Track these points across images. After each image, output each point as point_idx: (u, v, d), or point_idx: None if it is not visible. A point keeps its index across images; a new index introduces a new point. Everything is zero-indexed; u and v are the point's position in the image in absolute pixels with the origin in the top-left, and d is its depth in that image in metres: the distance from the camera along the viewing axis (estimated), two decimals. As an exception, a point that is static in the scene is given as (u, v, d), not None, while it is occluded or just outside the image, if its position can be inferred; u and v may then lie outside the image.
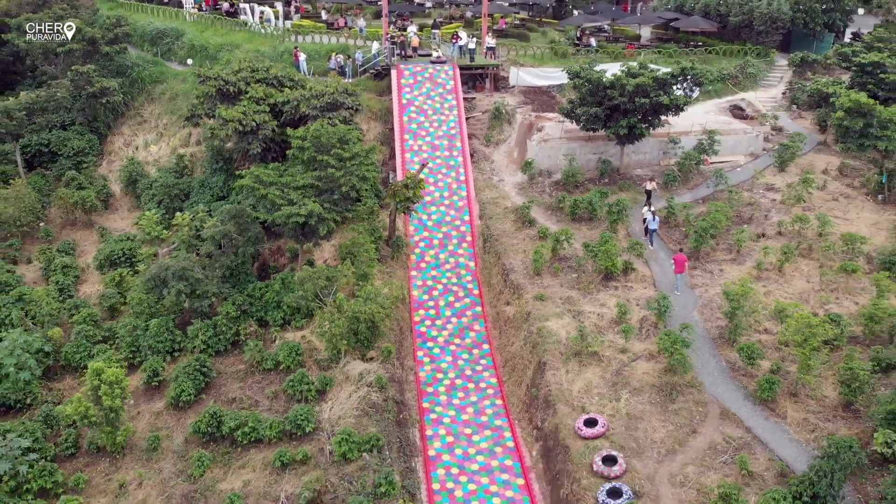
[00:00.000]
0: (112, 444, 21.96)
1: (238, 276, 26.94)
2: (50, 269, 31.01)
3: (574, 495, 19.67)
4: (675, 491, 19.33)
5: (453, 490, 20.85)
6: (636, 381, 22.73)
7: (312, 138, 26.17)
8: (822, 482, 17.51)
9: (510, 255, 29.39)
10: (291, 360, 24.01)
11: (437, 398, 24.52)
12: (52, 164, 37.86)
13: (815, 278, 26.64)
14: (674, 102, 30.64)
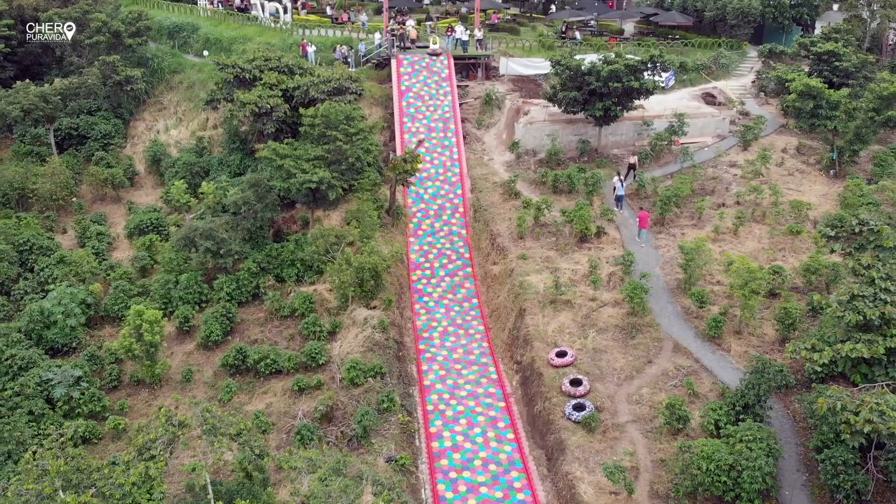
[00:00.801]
0: (151, 376, 25.57)
1: (256, 238, 30.52)
2: (85, 236, 34.55)
3: (546, 411, 23.34)
4: (630, 407, 22.98)
5: (444, 411, 24.47)
6: (602, 323, 26.38)
7: (322, 116, 29.79)
8: (750, 393, 21.13)
9: (497, 222, 33.03)
10: (305, 307, 27.63)
11: (431, 341, 28.12)
12: (80, 147, 41.37)
13: (765, 240, 30.26)
14: (644, 86, 34.23)
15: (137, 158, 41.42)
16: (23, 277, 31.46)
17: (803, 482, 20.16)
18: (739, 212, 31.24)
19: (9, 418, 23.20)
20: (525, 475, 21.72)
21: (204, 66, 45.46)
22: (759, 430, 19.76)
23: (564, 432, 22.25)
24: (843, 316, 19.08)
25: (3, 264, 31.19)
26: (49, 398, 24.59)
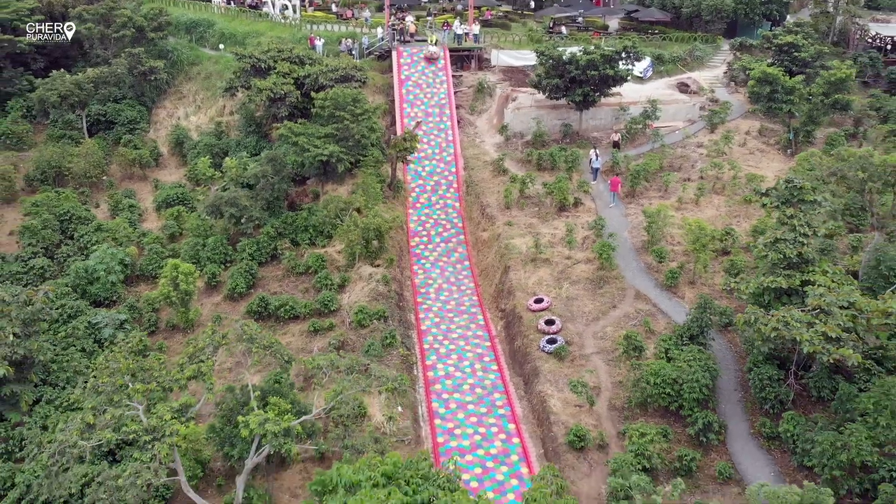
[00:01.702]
0: (185, 321, 29.56)
1: (273, 207, 34.48)
2: (117, 209, 38.53)
3: (524, 346, 27.37)
4: (595, 341, 27.00)
5: (438, 348, 28.49)
6: (575, 276, 30.39)
7: (331, 99, 33.77)
8: (694, 326, 25.14)
9: (487, 195, 37.03)
10: (318, 265, 31.63)
11: (427, 296, 32.12)
12: (108, 131, 45.33)
13: (723, 208, 34.24)
14: (618, 74, 38.21)
15: (161, 142, 45.38)
16: (64, 243, 35.45)
17: (738, 398, 24.18)
18: (701, 184, 35.24)
19: (65, 353, 27.23)
20: (505, 395, 25.73)
21: (220, 59, 49.43)
22: (700, 352, 23.80)
23: (539, 361, 26.28)
24: (768, 255, 23.06)
25: (48, 231, 35.19)
26: (97, 339, 28.60)
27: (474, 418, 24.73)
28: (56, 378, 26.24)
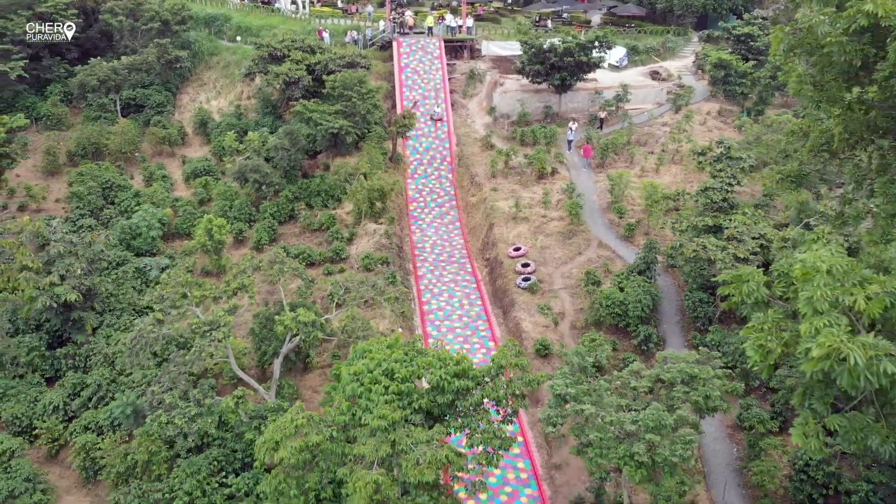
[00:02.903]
0: (218, 267, 34.82)
1: (290, 175, 39.76)
2: (151, 179, 43.81)
3: (504, 284, 32.70)
4: (563, 280, 32.33)
5: (432, 289, 33.81)
6: (549, 231, 35.71)
7: (340, 80, 39.07)
8: (642, 263, 30.46)
9: (476, 166, 42.33)
10: (330, 222, 36.95)
11: (423, 249, 37.42)
12: (138, 114, 50.57)
13: (679, 175, 39.53)
14: (591, 60, 43.51)
15: (185, 123, 50.61)
16: (106, 207, 40.72)
17: (677, 320, 29.51)
18: (661, 156, 40.55)
19: (119, 289, 32.55)
20: (487, 322, 31.05)
21: (237, 50, 54.68)
22: (644, 282, 29.13)
23: (515, 295, 31.62)
24: (698, 200, 28.37)
25: (92, 197, 40.49)
26: (145, 280, 33.91)
27: (461, 338, 30.06)
28: (114, 308, 31.59)
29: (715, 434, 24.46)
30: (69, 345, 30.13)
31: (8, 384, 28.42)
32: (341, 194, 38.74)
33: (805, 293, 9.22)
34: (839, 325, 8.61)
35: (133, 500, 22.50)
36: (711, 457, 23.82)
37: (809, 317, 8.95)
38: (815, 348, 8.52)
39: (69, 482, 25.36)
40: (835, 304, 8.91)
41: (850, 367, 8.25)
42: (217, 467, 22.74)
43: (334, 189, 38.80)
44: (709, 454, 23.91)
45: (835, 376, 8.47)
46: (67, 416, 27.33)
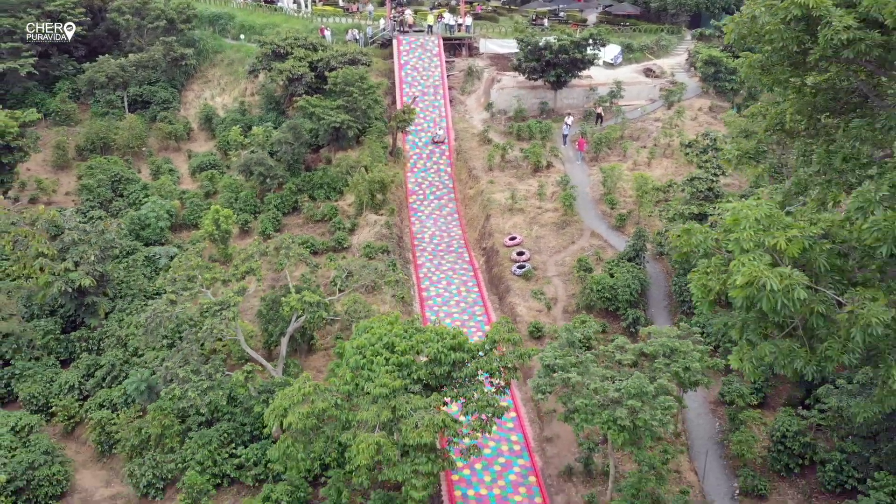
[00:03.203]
0: (224, 256, 36.10)
1: (293, 168, 41.07)
2: (158, 173, 45.10)
3: (500, 272, 34.02)
4: (556, 267, 33.65)
5: (431, 277, 35.12)
6: (543, 221, 37.03)
7: (342, 76, 40.39)
8: (632, 250, 31.76)
9: (473, 160, 43.65)
10: (332, 213, 38.26)
11: (423, 240, 38.72)
12: (145, 110, 51.88)
13: (670, 168, 40.83)
14: (585, 57, 44.82)
15: (191, 119, 51.91)
16: (115, 199, 42.02)
17: (665, 305, 30.83)
18: (653, 150, 41.86)
19: (130, 276, 33.85)
20: (483, 307, 32.36)
21: (241, 48, 55.99)
22: (633, 267, 30.44)
23: (510, 281, 32.94)
24: (685, 189, 29.68)
25: (102, 189, 41.81)
26: (154, 268, 35.22)
27: (458, 322, 31.35)
28: (125, 294, 32.89)
29: (698, 409, 25.77)
30: (83, 328, 31.43)
31: (25, 366, 29.71)
32: (343, 186, 40.04)
33: (734, 235, 10.64)
34: (761, 260, 9.98)
35: (147, 471, 23.81)
36: (695, 430, 25.13)
37: (738, 255, 10.33)
38: (739, 277, 9.88)
39: (85, 457, 26.66)
40: (759, 244, 10.30)
41: (768, 293, 9.60)
42: (227, 439, 24.05)
43: (336, 181, 40.12)
44: (692, 428, 25.23)
45: (756, 301, 9.83)
46: (82, 395, 28.65)
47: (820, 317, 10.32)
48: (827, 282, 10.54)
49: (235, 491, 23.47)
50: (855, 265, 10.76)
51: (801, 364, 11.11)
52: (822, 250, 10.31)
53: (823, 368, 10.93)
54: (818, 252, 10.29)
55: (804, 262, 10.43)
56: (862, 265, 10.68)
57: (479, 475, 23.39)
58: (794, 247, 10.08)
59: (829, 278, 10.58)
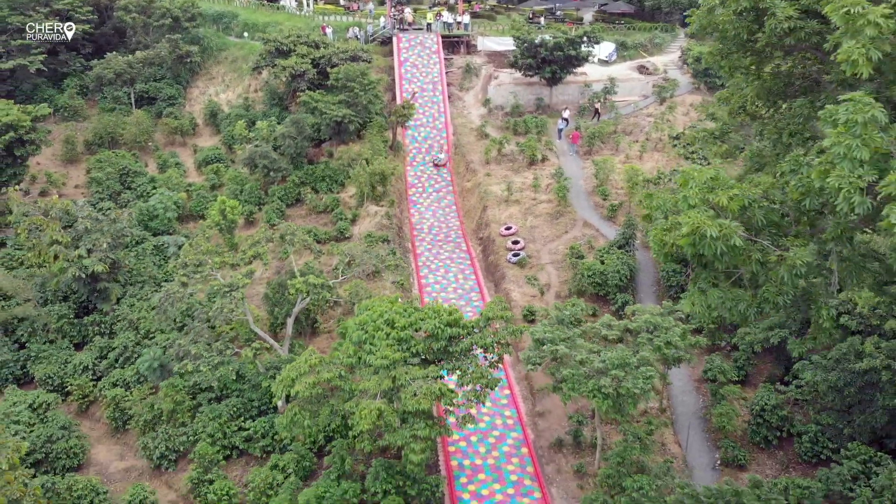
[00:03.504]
0: (230, 246, 37.40)
1: (296, 161, 42.39)
2: (165, 166, 46.43)
3: (495, 260, 35.38)
4: (549, 255, 34.99)
5: (429, 265, 36.45)
6: (538, 212, 38.36)
7: (344, 72, 41.73)
8: (622, 238, 33.11)
9: (471, 154, 44.99)
10: (334, 204, 39.59)
11: (422, 230, 40.04)
12: (151, 105, 53.19)
13: (661, 161, 42.17)
14: (579, 55, 46.16)
15: (196, 114, 53.24)
16: (123, 192, 43.34)
17: (653, 290, 32.18)
18: (644, 143, 43.21)
19: (140, 263, 35.19)
20: (480, 293, 33.71)
21: (244, 45, 57.31)
22: (623, 254, 31.80)
23: (506, 269, 34.29)
24: (672, 179, 31.01)
25: (111, 181, 43.16)
26: (163, 256, 36.56)
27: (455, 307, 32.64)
28: (135, 281, 34.23)
29: (683, 387, 27.12)
30: (95, 313, 32.76)
31: (40, 348, 31.07)
32: (344, 179, 41.39)
33: (682, 193, 12.08)
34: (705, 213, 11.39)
35: (160, 444, 25.15)
36: (680, 406, 26.48)
37: (685, 210, 11.75)
38: (685, 227, 11.28)
39: (99, 433, 28.01)
40: (704, 200, 11.71)
41: (709, 240, 11.00)
42: (236, 414, 25.39)
43: (338, 174, 41.46)
44: (677, 404, 26.57)
45: (699, 248, 11.23)
46: (96, 375, 29.99)
47: (758, 263, 11.74)
48: (764, 234, 11.98)
49: (244, 462, 24.80)
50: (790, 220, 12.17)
51: (744, 307, 12.49)
52: (760, 207, 11.78)
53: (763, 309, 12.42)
54: (756, 209, 11.74)
55: (744, 218, 11.85)
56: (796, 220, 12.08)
57: (475, 447, 24.72)
58: (735, 203, 11.53)
59: (766, 231, 12.01)
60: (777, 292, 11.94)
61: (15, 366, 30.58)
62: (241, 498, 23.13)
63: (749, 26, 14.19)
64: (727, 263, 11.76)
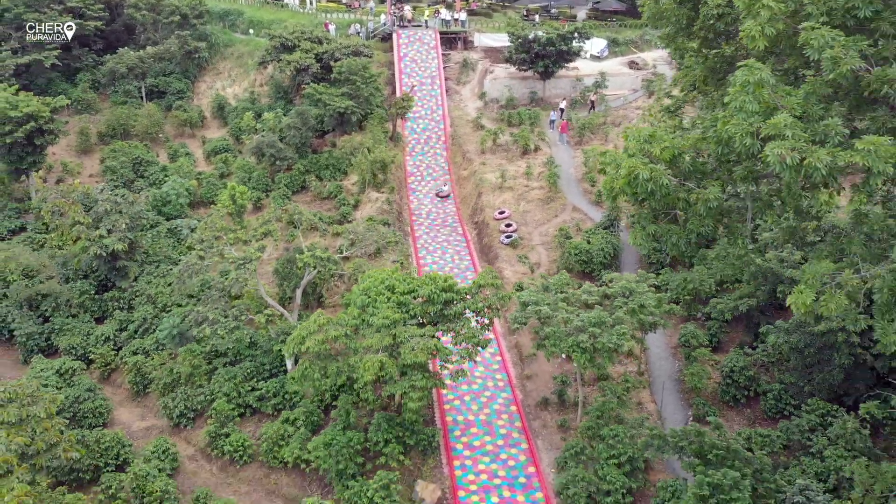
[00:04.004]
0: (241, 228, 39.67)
1: (301, 150, 44.66)
2: (175, 156, 48.69)
3: (489, 241, 37.66)
4: (540, 237, 37.27)
5: (427, 247, 38.73)
6: (530, 198, 40.65)
7: (346, 66, 44.00)
8: (607, 220, 35.39)
9: (467, 144, 47.26)
10: (337, 191, 41.86)
11: (420, 215, 42.31)
12: (161, 99, 55.45)
13: (647, 152, 44.40)
14: (571, 50, 48.43)
15: (204, 107, 55.51)
16: (137, 180, 45.59)
17: (636, 267, 34.40)
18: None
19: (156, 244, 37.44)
20: (474, 272, 35.94)
21: (250, 42, 59.58)
22: (608, 234, 34.06)
23: (499, 249, 36.58)
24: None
25: (125, 170, 45.42)
26: (177, 238, 38.82)
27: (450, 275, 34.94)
28: (152, 261, 36.47)
29: (660, 354, 29.39)
30: (114, 290, 35.03)
31: (64, 321, 33.32)
32: (347, 167, 43.67)
33: (624, 146, 14.48)
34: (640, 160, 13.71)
35: (179, 403, 27.41)
36: (657, 371, 28.75)
37: (626, 159, 14.09)
38: (623, 169, 13.63)
39: (121, 397, 30.27)
40: (641, 150, 14.05)
41: (642, 181, 13.34)
42: (249, 375, 27.66)
43: (341, 162, 43.73)
44: (654, 369, 28.84)
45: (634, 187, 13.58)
46: (117, 346, 32.25)
47: (685, 202, 14.05)
48: (692, 179, 14.30)
49: (257, 419, 27.06)
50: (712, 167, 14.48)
51: (675, 238, 14.84)
52: (689, 157, 14.12)
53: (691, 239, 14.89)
54: (685, 158, 14.07)
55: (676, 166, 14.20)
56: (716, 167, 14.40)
57: (468, 405, 26.99)
58: (666, 153, 13.89)
59: (693, 177, 14.34)
60: (700, 224, 14.31)
61: (40, 338, 32.83)
62: (254, 448, 25.41)
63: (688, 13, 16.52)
64: (660, 202, 14.13)
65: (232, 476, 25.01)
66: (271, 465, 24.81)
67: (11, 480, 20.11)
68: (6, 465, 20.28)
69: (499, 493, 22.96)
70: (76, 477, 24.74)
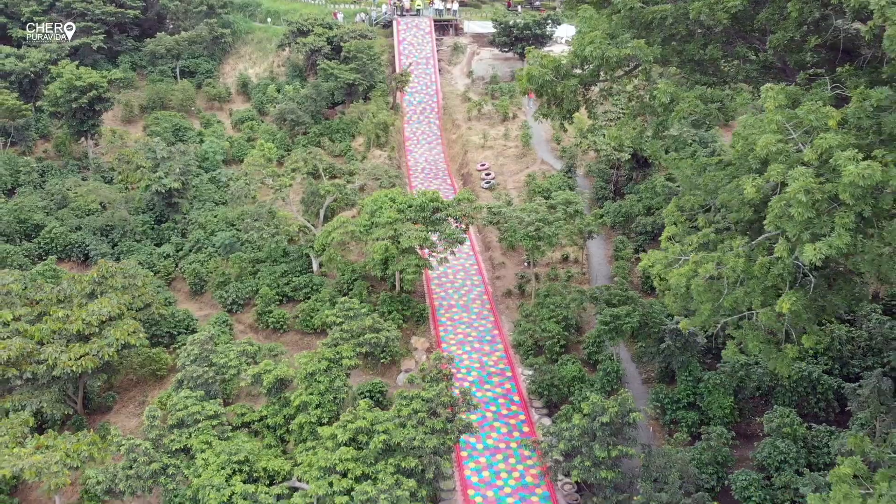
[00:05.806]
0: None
1: (316, 117, 53.27)
2: (208, 125, 57.22)
3: (472, 187, 46.30)
4: (514, 184, 45.93)
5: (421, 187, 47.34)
6: (507, 154, 49.30)
7: (354, 45, 52.61)
8: (566, 167, 44.03)
9: (456, 113, 55.89)
10: (347, 150, 50.48)
11: (416, 171, 50.94)
12: (191, 78, 63.95)
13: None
14: (544, 34, 57.09)
15: (230, 85, 64.03)
16: (176, 143, 54.06)
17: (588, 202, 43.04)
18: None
19: (200, 190, 45.98)
20: (459, 209, 44.57)
21: (267, 29, 68.13)
22: (565, 176, 42.67)
23: (479, 192, 45.21)
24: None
25: (167, 135, 53.96)
26: (217, 185, 47.39)
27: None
28: (200, 199, 45.00)
29: (599, 261, 37.98)
30: (169, 221, 43.59)
31: (131, 244, 41.84)
32: (355, 131, 52.28)
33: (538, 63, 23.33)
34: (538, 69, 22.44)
35: (231, 293, 35.97)
36: (595, 273, 37.34)
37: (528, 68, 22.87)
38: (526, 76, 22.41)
39: (181, 296, 38.78)
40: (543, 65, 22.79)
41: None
42: (285, 273, 36.23)
43: (350, 127, 52.34)
44: (594, 272, 37.44)
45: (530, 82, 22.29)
46: (175, 262, 40.79)
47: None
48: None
49: (292, 305, 35.62)
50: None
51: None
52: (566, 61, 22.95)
53: None
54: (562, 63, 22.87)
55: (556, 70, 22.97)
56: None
57: (451, 294, 35.65)
58: (550, 64, 22.65)
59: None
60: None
61: (111, 258, 41.26)
62: (291, 322, 33.98)
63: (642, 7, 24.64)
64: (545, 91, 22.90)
65: (274, 341, 33.59)
66: (304, 332, 33.37)
67: (124, 321, 28.76)
68: (119, 310, 28.93)
69: (471, 345, 31.61)
70: (156, 341, 33.28)
